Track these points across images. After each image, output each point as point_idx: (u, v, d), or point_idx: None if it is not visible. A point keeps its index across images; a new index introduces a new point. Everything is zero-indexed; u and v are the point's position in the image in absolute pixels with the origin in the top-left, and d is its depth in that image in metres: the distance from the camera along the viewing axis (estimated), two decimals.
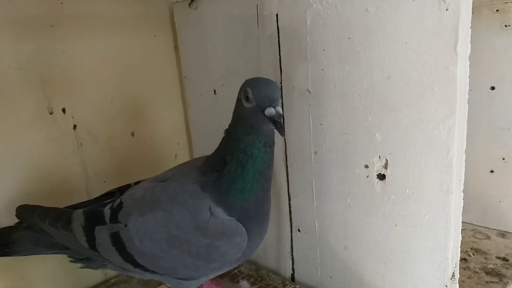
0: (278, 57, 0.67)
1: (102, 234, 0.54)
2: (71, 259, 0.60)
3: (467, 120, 0.91)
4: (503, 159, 0.91)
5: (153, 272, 0.54)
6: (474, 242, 0.91)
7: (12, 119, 0.68)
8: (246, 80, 0.52)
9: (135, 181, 0.64)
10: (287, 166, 0.71)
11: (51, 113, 0.72)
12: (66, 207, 0.61)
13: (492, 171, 0.94)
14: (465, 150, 0.92)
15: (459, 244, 0.54)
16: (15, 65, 0.67)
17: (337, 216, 0.65)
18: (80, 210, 0.57)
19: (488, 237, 0.93)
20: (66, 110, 0.74)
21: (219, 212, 0.51)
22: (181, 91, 0.91)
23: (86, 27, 0.75)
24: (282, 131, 0.47)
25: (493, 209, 0.96)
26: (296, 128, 0.67)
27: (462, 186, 0.53)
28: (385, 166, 0.57)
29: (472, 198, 0.98)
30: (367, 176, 0.59)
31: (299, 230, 0.73)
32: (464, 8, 0.46)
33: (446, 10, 0.47)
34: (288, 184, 0.72)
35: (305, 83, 0.64)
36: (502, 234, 0.93)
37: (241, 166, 0.50)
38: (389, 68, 0.53)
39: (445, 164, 0.51)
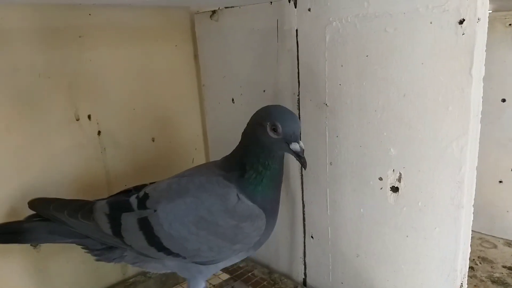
0: (297, 70, 0.70)
1: (129, 220, 0.57)
2: (86, 250, 0.63)
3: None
4: None
5: (176, 255, 0.58)
6: (481, 251, 0.94)
7: (41, 125, 0.71)
8: (271, 110, 0.57)
9: (151, 181, 0.67)
10: (302, 175, 0.74)
11: (77, 120, 0.75)
12: (84, 200, 0.64)
13: (500, 182, 0.96)
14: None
15: (468, 256, 0.57)
16: (45, 74, 0.70)
17: (350, 225, 0.68)
18: (103, 201, 0.61)
19: (495, 246, 0.95)
20: (92, 116, 0.77)
21: (244, 198, 0.57)
22: (200, 98, 0.94)
23: (112, 37, 0.78)
24: (305, 166, 0.56)
25: (500, 219, 0.98)
26: (313, 139, 0.70)
27: (473, 201, 0.55)
28: (399, 179, 0.60)
29: (480, 207, 1.00)
30: (381, 188, 0.62)
31: (312, 237, 0.76)
32: (480, 34, 0.48)
33: (463, 34, 0.49)
34: (302, 192, 0.75)
35: (323, 97, 0.67)
36: (509, 243, 0.95)
37: (260, 175, 0.57)
38: (405, 86, 0.56)
39: (457, 180, 0.53)
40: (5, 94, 0.67)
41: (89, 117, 0.77)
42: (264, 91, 0.77)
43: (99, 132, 0.79)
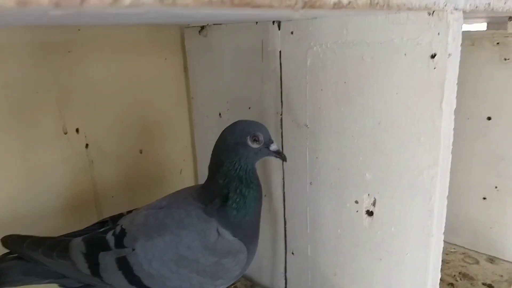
0: (280, 90, 0.71)
1: (107, 259, 0.58)
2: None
3: (464, 147, 0.94)
4: (496, 187, 0.94)
5: None
6: (463, 266, 0.95)
7: (29, 138, 0.73)
8: (243, 126, 0.60)
9: (128, 210, 0.68)
10: (284, 192, 0.76)
11: (65, 133, 0.77)
12: (59, 236, 0.63)
13: (484, 198, 0.97)
14: (460, 175, 0.96)
15: (438, 282, 0.58)
16: (34, 88, 0.72)
17: (328, 244, 0.69)
18: (79, 238, 0.60)
19: (477, 262, 0.96)
20: (80, 130, 0.79)
21: (225, 233, 0.57)
22: (189, 110, 0.95)
23: (101, 51, 0.80)
24: (286, 159, 0.63)
25: (483, 235, 0.99)
26: (294, 158, 0.71)
27: (443, 229, 0.56)
28: (374, 204, 0.61)
29: (464, 222, 1.02)
30: (357, 211, 0.63)
31: (292, 253, 0.77)
32: (451, 68, 0.49)
33: (434, 68, 0.50)
34: (284, 209, 0.76)
35: (304, 118, 0.68)
36: (491, 260, 0.97)
37: (243, 197, 0.58)
38: (380, 114, 0.57)
39: (428, 209, 0.54)
40: None
41: (77, 130, 0.78)
42: (249, 108, 0.78)
43: (86, 145, 0.80)
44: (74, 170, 0.79)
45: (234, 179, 0.57)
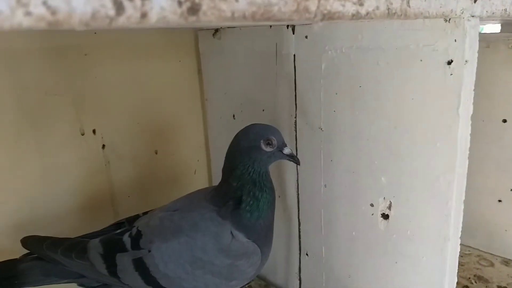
0: (294, 93, 0.71)
1: (124, 260, 0.59)
2: (82, 287, 0.64)
3: (479, 150, 0.94)
4: (511, 190, 0.94)
5: None
6: (478, 269, 0.94)
7: (47, 140, 0.74)
8: (257, 129, 0.61)
9: (143, 211, 0.69)
10: (298, 194, 0.76)
11: (82, 134, 0.78)
12: (77, 237, 0.65)
13: (500, 201, 0.96)
14: (475, 178, 0.95)
15: (455, 286, 0.58)
16: (51, 91, 0.73)
17: (343, 246, 0.70)
18: (96, 240, 0.61)
19: (492, 264, 0.96)
20: (96, 131, 0.80)
21: (239, 235, 0.58)
22: (203, 112, 0.96)
23: (117, 54, 0.81)
24: (299, 162, 0.62)
25: (499, 237, 0.98)
26: (308, 161, 0.71)
27: (460, 233, 0.56)
28: (389, 207, 0.61)
29: (479, 224, 1.01)
30: (372, 214, 0.63)
31: (307, 254, 0.78)
32: (467, 75, 0.49)
33: (451, 75, 0.50)
34: (298, 211, 0.77)
35: (318, 121, 0.68)
36: (506, 262, 0.96)
37: (257, 200, 0.59)
38: (396, 119, 0.57)
39: (444, 213, 0.54)
40: (14, 111, 0.70)
41: (93, 131, 0.80)
42: (263, 110, 0.79)
43: (103, 146, 0.82)
44: (91, 171, 0.80)
45: (248, 182, 0.58)
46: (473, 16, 0.48)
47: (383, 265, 0.64)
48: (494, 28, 1.06)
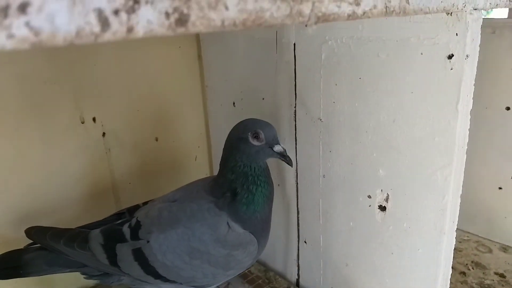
0: (294, 83, 0.71)
1: (124, 250, 0.60)
2: (85, 276, 0.66)
3: (482, 137, 0.93)
4: None
5: (172, 282, 0.61)
6: (475, 255, 0.95)
7: (48, 129, 0.74)
8: (246, 122, 0.61)
9: (143, 201, 0.70)
10: (297, 183, 0.76)
11: (82, 122, 0.78)
12: (78, 227, 0.66)
13: (500, 188, 0.96)
14: (477, 165, 0.95)
15: (449, 277, 0.59)
16: (50, 79, 0.73)
17: (340, 235, 0.70)
18: (97, 230, 0.63)
19: (490, 251, 0.97)
20: (96, 119, 0.80)
21: (235, 226, 0.59)
22: (203, 98, 0.96)
23: (116, 41, 0.80)
24: (291, 163, 0.60)
25: (498, 224, 0.99)
26: (307, 150, 0.71)
27: (455, 227, 0.56)
28: (386, 200, 0.61)
29: (479, 210, 1.02)
30: (369, 206, 0.64)
31: (305, 242, 0.78)
32: (468, 70, 0.48)
33: (451, 69, 0.49)
34: (297, 199, 0.77)
35: (317, 112, 0.68)
36: (504, 249, 0.97)
37: (251, 194, 0.59)
38: (395, 112, 0.56)
39: (440, 207, 0.55)
40: (14, 100, 0.70)
41: (93, 119, 0.80)
42: (263, 98, 0.78)
43: (103, 134, 0.82)
44: (91, 159, 0.81)
45: (240, 176, 0.59)
46: (475, 9, 0.47)
47: (380, 256, 0.65)
48: (501, 13, 1.03)
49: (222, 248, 0.58)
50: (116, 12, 0.21)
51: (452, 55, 0.49)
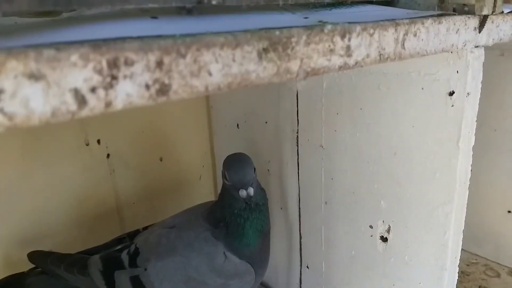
0: (296, 109, 0.70)
1: (122, 278, 0.61)
2: None
3: (490, 159, 0.91)
4: None
5: None
6: (483, 279, 0.93)
7: (54, 150, 0.75)
8: (226, 159, 0.60)
9: (148, 222, 0.70)
10: (299, 208, 0.76)
11: (87, 145, 0.79)
12: (78, 253, 0.67)
13: (509, 212, 0.94)
14: (485, 187, 0.93)
15: None
16: None
17: (342, 263, 0.70)
18: (97, 256, 0.63)
19: (498, 275, 0.94)
20: (101, 141, 0.81)
21: (232, 256, 0.59)
22: (208, 118, 0.96)
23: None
24: (249, 212, 0.58)
25: (506, 247, 0.97)
26: (309, 177, 0.71)
27: (458, 263, 0.55)
28: (388, 231, 0.60)
29: (487, 234, 0.99)
30: (371, 236, 0.63)
31: (307, 267, 0.78)
32: (469, 107, 0.47)
33: (452, 106, 0.48)
34: (300, 224, 0.77)
35: (319, 139, 0.67)
36: None
37: (241, 227, 0.59)
38: (396, 145, 0.56)
39: (441, 243, 0.54)
40: None
41: (98, 141, 0.81)
42: (266, 122, 0.78)
43: (108, 155, 0.82)
44: (96, 180, 0.82)
45: (228, 207, 0.59)
46: (477, 47, 0.47)
47: (381, 286, 0.64)
48: None
49: (218, 278, 0.58)
50: (93, 90, 0.21)
51: (453, 92, 0.48)
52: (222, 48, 0.26)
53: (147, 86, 0.23)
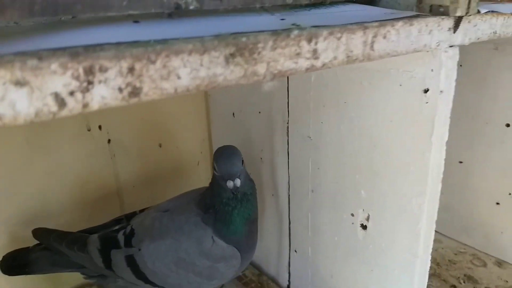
0: (287, 100, 0.73)
1: (118, 256, 0.65)
2: (84, 276, 0.71)
3: (481, 151, 0.94)
4: (510, 194, 0.94)
5: (161, 287, 0.66)
6: (469, 268, 0.96)
7: (56, 136, 0.79)
8: (217, 151, 0.64)
9: (146, 205, 0.75)
10: (289, 196, 0.79)
11: (89, 130, 0.83)
12: (79, 231, 0.71)
13: (498, 203, 0.97)
14: (476, 179, 0.96)
15: None
16: None
17: (326, 249, 0.73)
18: (95, 235, 0.68)
19: (484, 265, 0.97)
20: (102, 127, 0.85)
21: (219, 241, 0.63)
22: (206, 106, 0.99)
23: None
24: (236, 202, 0.61)
25: (494, 238, 0.99)
26: (298, 166, 0.74)
27: (430, 251, 0.58)
28: (367, 219, 0.64)
29: (476, 224, 1.02)
30: (352, 223, 0.66)
31: (295, 251, 0.82)
32: (442, 105, 0.50)
33: (426, 103, 0.51)
34: (289, 210, 0.80)
35: (307, 130, 0.70)
36: (499, 263, 0.97)
37: (228, 214, 0.63)
38: (376, 138, 0.58)
39: (415, 232, 0.57)
40: None
41: (99, 127, 0.85)
42: (259, 112, 0.81)
43: (109, 141, 0.86)
44: (97, 164, 0.86)
45: (217, 195, 0.62)
46: (451, 46, 0.49)
47: (361, 271, 0.67)
48: None
49: (207, 260, 0.62)
50: (71, 93, 0.25)
51: (428, 89, 0.50)
52: (191, 54, 0.29)
53: (120, 89, 0.27)
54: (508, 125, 0.90)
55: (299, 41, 0.34)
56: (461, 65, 0.98)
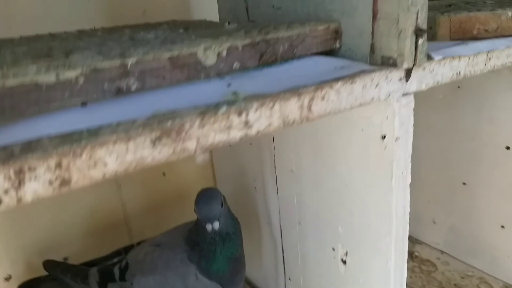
0: (272, 134, 0.76)
1: None
2: None
3: (483, 174, 0.93)
4: None
5: None
6: None
7: None
8: (198, 193, 0.68)
9: (137, 241, 0.80)
10: (281, 225, 0.82)
11: None
12: (82, 264, 0.78)
13: (503, 227, 0.94)
14: (479, 201, 0.95)
15: None
16: None
17: (313, 280, 0.75)
18: (95, 269, 0.74)
19: None
20: None
21: (202, 278, 0.67)
22: None
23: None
24: (219, 242, 0.64)
25: (501, 262, 0.97)
26: (286, 197, 0.77)
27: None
28: (346, 255, 0.65)
29: (483, 246, 1.00)
30: (334, 257, 0.68)
31: (290, 279, 0.84)
32: (399, 151, 0.51)
33: (385, 148, 0.52)
34: (282, 239, 0.83)
35: (290, 164, 0.73)
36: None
37: (212, 253, 0.66)
38: (347, 178, 0.60)
39: (386, 269, 0.58)
40: None
41: None
42: (250, 144, 0.85)
43: None
44: (105, 194, 0.92)
45: (201, 234, 0.66)
46: (405, 95, 0.50)
47: None
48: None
49: None
50: (6, 192, 0.29)
51: (385, 136, 0.52)
52: (115, 144, 0.33)
53: (50, 182, 0.31)
54: (508, 148, 0.89)
55: (228, 116, 0.37)
56: (459, 87, 0.98)
